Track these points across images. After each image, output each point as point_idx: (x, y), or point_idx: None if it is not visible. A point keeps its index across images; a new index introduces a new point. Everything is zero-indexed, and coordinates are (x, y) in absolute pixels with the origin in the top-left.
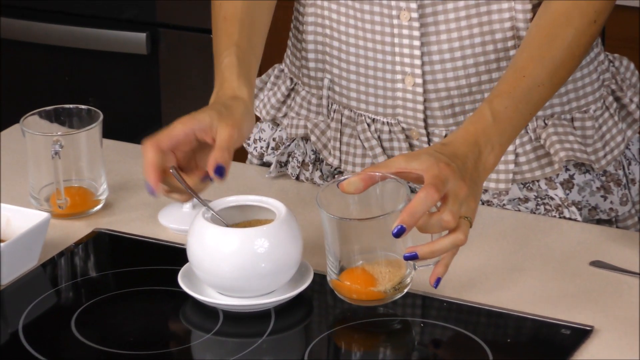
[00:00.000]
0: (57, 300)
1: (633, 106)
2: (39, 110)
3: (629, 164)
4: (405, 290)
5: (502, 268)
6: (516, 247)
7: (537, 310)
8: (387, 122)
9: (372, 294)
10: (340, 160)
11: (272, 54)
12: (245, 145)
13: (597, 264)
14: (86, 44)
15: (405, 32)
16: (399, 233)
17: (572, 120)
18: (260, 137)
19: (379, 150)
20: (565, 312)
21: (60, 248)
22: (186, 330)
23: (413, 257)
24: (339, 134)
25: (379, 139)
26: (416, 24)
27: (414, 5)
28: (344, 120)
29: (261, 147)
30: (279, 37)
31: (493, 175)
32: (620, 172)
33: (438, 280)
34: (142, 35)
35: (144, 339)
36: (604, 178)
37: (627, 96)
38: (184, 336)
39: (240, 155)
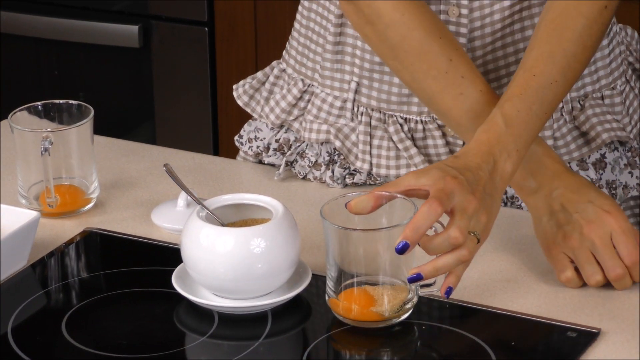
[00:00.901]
0: (47, 301)
1: None
2: (27, 105)
3: None
4: (406, 315)
5: (507, 270)
6: (520, 247)
7: (543, 313)
8: (422, 121)
9: (370, 315)
10: (371, 164)
11: (269, 54)
12: (237, 144)
13: None
14: (76, 36)
15: (452, 28)
16: (403, 250)
17: (602, 98)
18: (256, 136)
19: (414, 150)
20: (571, 314)
21: (50, 248)
22: (180, 332)
23: (417, 279)
24: (368, 137)
25: (413, 138)
26: (464, 21)
27: (465, 2)
28: (373, 122)
29: (257, 147)
30: (280, 33)
31: None
32: None
33: (449, 290)
34: (134, 28)
35: (136, 342)
36: (630, 154)
37: None
38: (178, 339)
39: (232, 152)
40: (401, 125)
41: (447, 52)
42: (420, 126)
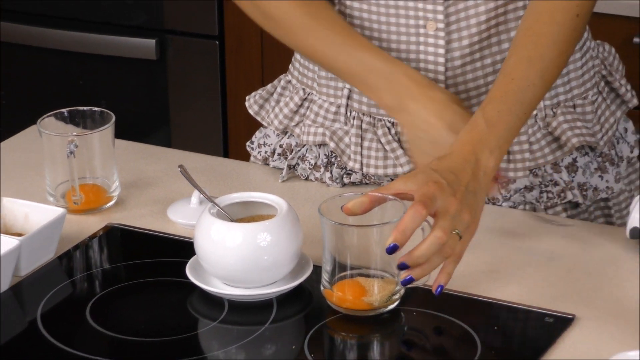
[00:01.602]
0: (73, 290)
1: (623, 89)
2: (55, 112)
3: (617, 142)
4: (394, 305)
5: (489, 260)
6: (502, 240)
7: (523, 300)
8: None
9: (360, 304)
10: (361, 164)
11: (274, 65)
12: (249, 149)
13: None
14: (99, 49)
15: (430, 40)
16: (393, 250)
17: (574, 106)
18: (264, 142)
19: (400, 152)
20: (548, 301)
21: (75, 242)
22: (193, 318)
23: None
24: (359, 139)
25: (399, 140)
26: (442, 34)
27: (440, 17)
28: (364, 126)
29: (265, 152)
30: (284, 46)
31: (511, 165)
32: (612, 152)
33: (440, 288)
34: (152, 42)
35: (154, 327)
36: (600, 159)
37: (617, 80)
38: (192, 324)
39: (241, 154)
40: (389, 128)
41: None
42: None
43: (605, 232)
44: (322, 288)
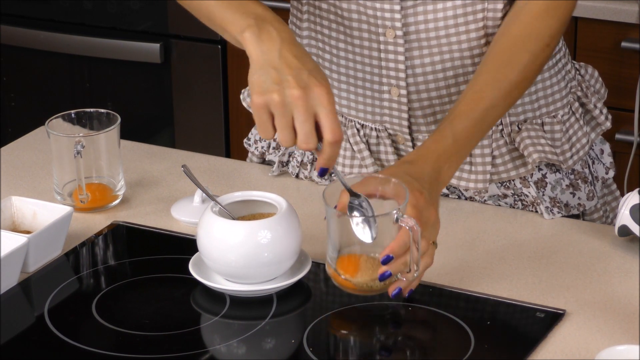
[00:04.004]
0: (79, 286)
1: (597, 111)
2: (62, 113)
3: (593, 162)
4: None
5: (482, 257)
6: (495, 238)
7: (514, 296)
8: (375, 128)
9: (364, 275)
10: None
11: None
12: (246, 145)
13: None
14: (105, 53)
15: (390, 48)
16: (386, 261)
17: (543, 124)
18: (260, 137)
19: (366, 153)
20: (539, 297)
21: (82, 239)
22: (196, 313)
23: (397, 293)
24: None
25: (367, 142)
26: (401, 41)
27: (398, 24)
28: None
29: (262, 147)
30: None
31: (472, 176)
32: (587, 170)
33: (398, 291)
34: (156, 46)
35: (157, 321)
36: (572, 176)
37: (592, 102)
38: (194, 319)
39: (242, 154)
40: (358, 130)
41: None
42: (374, 133)
43: (594, 230)
44: (326, 268)
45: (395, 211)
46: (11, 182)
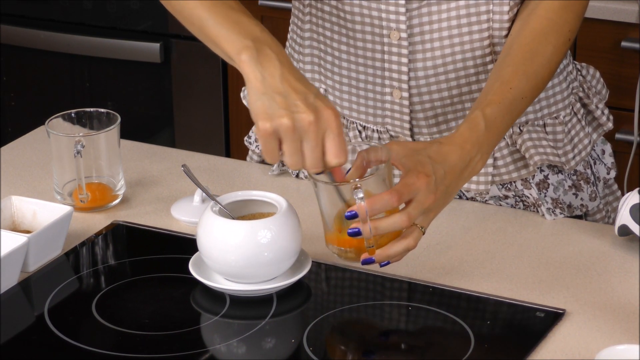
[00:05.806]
0: (79, 285)
1: (598, 112)
2: (62, 113)
3: (594, 163)
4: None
5: (482, 257)
6: (496, 238)
7: (515, 295)
8: (377, 130)
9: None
10: None
11: None
12: (247, 143)
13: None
14: (105, 53)
15: (394, 49)
16: (351, 217)
17: (544, 125)
18: None
19: None
20: (539, 296)
21: (82, 238)
22: (196, 313)
23: (369, 261)
24: None
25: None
26: (405, 43)
27: (403, 26)
28: None
29: None
30: None
31: (474, 178)
32: (589, 171)
33: (369, 260)
34: (156, 45)
35: (157, 321)
36: (574, 177)
37: (593, 103)
38: (194, 318)
39: (242, 154)
40: (360, 131)
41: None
42: (375, 134)
43: (594, 229)
44: (326, 242)
45: (356, 180)
46: (11, 181)
